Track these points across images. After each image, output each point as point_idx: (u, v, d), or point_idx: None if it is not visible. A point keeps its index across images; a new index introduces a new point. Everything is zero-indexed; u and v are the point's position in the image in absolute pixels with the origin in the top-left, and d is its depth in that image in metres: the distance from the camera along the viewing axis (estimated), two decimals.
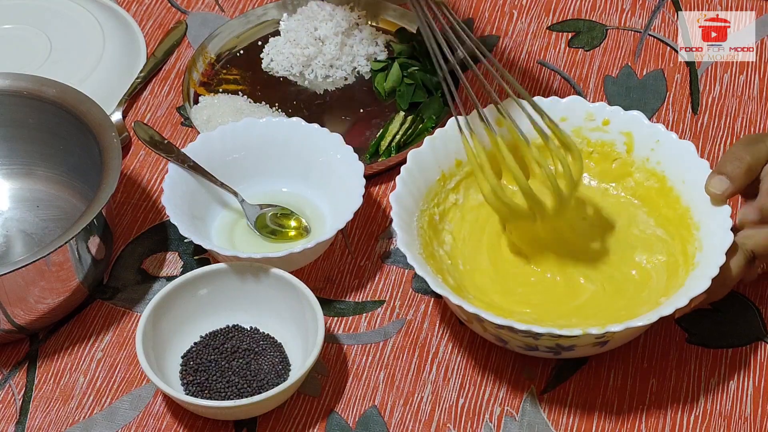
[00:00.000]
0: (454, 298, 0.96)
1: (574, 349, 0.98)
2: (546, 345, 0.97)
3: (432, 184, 1.06)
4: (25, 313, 1.02)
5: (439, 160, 1.06)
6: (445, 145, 1.07)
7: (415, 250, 0.99)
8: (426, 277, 0.96)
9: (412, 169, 1.04)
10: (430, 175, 1.06)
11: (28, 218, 1.14)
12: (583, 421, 1.00)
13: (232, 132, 1.14)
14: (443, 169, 1.07)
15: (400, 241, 0.98)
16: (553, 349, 0.98)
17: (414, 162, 1.05)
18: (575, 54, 1.29)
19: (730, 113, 1.22)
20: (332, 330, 1.06)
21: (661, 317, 0.94)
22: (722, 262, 0.96)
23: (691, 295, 0.94)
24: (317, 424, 1.00)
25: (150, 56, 1.29)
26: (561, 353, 0.99)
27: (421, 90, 1.22)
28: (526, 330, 0.93)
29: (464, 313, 0.99)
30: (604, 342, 0.98)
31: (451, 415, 1.01)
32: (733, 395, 1.01)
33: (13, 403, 1.03)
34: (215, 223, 1.12)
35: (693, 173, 1.03)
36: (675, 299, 0.95)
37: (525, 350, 1.00)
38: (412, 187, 1.04)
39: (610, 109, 1.08)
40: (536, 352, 1.00)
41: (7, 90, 1.12)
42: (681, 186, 1.04)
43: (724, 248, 0.97)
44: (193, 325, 1.04)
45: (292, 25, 1.28)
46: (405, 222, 1.01)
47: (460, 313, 1.01)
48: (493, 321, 0.94)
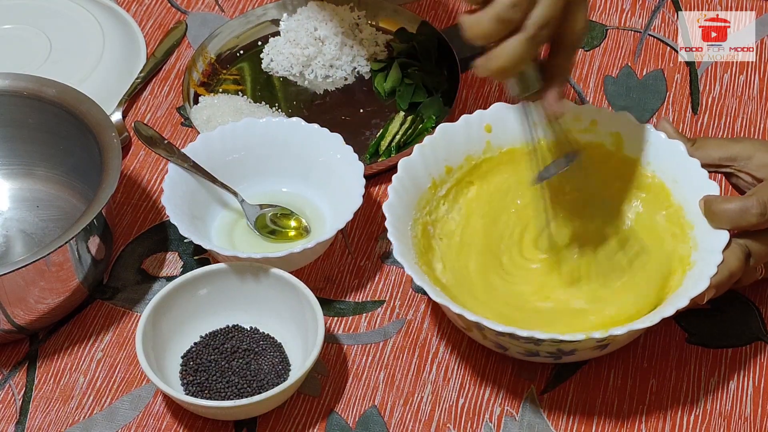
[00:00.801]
0: (454, 307, 0.95)
1: (575, 353, 0.98)
2: (547, 350, 0.97)
3: (423, 192, 1.05)
4: (25, 313, 1.02)
5: (429, 167, 1.06)
6: (435, 152, 1.06)
7: (411, 260, 0.99)
8: (424, 286, 0.96)
9: (402, 178, 1.04)
10: (421, 183, 1.05)
11: (28, 218, 1.14)
12: (583, 422, 1.00)
13: (232, 132, 1.14)
14: (434, 177, 1.06)
15: (396, 251, 0.98)
16: (554, 354, 0.98)
17: (404, 170, 1.04)
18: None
19: (730, 113, 1.22)
20: (332, 330, 1.06)
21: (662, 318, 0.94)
22: (720, 261, 0.96)
23: (692, 296, 0.94)
24: (317, 424, 1.00)
25: (150, 56, 1.29)
26: (562, 358, 0.99)
27: (421, 90, 1.22)
28: (529, 336, 0.93)
29: (463, 321, 0.98)
30: (605, 345, 0.98)
31: (451, 415, 1.01)
32: (733, 395, 1.01)
33: (13, 403, 1.03)
34: (215, 223, 1.12)
35: (684, 172, 1.03)
36: (675, 299, 0.95)
37: (525, 356, 1.00)
38: (404, 195, 1.03)
39: (596, 111, 1.07)
40: (537, 357, 0.99)
41: (7, 90, 1.12)
42: (673, 185, 1.04)
43: (720, 247, 0.97)
44: (193, 325, 1.04)
45: (292, 25, 1.28)
46: (400, 231, 1.00)
47: (458, 321, 1.01)
48: (494, 329, 0.93)
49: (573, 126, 1.07)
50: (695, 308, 1.06)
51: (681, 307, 0.94)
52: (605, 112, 1.07)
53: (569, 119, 1.07)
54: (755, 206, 0.96)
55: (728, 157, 1.01)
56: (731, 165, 1.01)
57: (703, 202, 1.00)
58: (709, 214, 0.99)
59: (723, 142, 1.03)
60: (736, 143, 1.01)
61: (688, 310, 1.06)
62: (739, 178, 1.01)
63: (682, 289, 0.96)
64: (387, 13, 1.30)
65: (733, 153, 1.01)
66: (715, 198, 0.99)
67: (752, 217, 0.97)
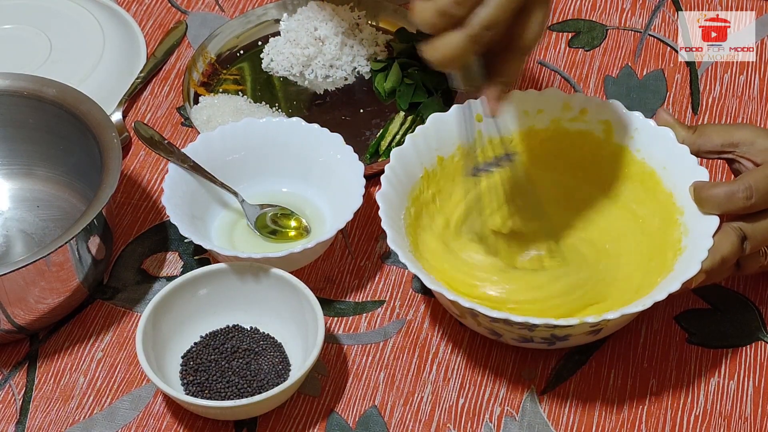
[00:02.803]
0: (449, 294, 0.96)
1: (569, 339, 0.99)
2: (541, 336, 0.98)
3: (416, 182, 1.06)
4: (25, 313, 1.02)
5: (422, 157, 1.07)
6: (427, 143, 1.07)
7: (405, 248, 0.99)
8: (418, 273, 0.96)
9: (395, 168, 1.05)
10: (413, 173, 1.06)
11: (28, 218, 1.14)
12: (583, 421, 1.00)
13: (232, 132, 1.14)
14: (426, 167, 1.07)
15: (389, 239, 0.98)
16: (548, 339, 0.98)
17: (397, 160, 1.05)
18: (575, 54, 1.29)
19: (730, 113, 1.22)
20: (332, 330, 1.06)
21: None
22: (710, 245, 0.96)
23: (683, 280, 0.95)
24: (317, 424, 1.00)
25: (150, 56, 1.29)
26: (555, 343, 0.99)
27: (421, 90, 1.22)
28: (523, 322, 0.94)
29: (458, 309, 0.99)
30: (598, 330, 0.98)
31: (451, 415, 1.01)
32: (733, 395, 1.01)
33: (13, 403, 1.03)
34: (215, 223, 1.12)
35: (673, 159, 1.04)
36: (666, 284, 0.96)
37: (519, 342, 1.00)
38: (397, 185, 1.04)
39: (586, 99, 1.08)
40: (531, 344, 1.00)
41: (7, 90, 1.12)
42: (662, 172, 1.05)
43: (710, 231, 0.97)
44: (193, 325, 1.04)
45: (292, 25, 1.28)
46: (393, 220, 1.01)
47: (452, 309, 1.02)
48: (488, 315, 0.94)
49: (563, 115, 1.08)
50: (696, 309, 1.06)
51: (672, 291, 0.94)
52: (595, 101, 1.08)
53: (558, 108, 1.08)
54: (741, 190, 0.97)
55: (730, 143, 1.02)
56: (733, 151, 1.02)
57: (692, 188, 1.01)
58: (698, 199, 1.00)
59: (725, 128, 1.03)
60: (737, 129, 1.02)
61: (688, 309, 1.06)
62: (740, 164, 1.02)
63: (674, 274, 0.97)
64: (387, 13, 1.30)
65: (735, 139, 1.01)
66: (704, 183, 1.00)
67: (739, 201, 0.97)
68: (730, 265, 0.98)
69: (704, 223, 0.98)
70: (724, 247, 0.97)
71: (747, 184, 0.97)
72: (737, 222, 0.98)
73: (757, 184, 0.97)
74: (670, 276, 0.97)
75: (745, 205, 0.97)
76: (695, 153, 1.02)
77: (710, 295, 1.07)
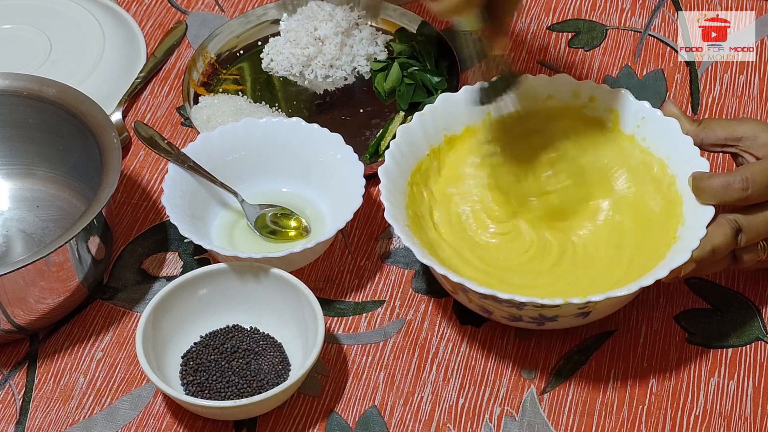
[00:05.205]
0: (439, 268, 0.97)
1: (557, 320, 0.99)
2: (529, 315, 0.99)
3: (422, 160, 1.07)
4: (25, 313, 1.02)
5: (429, 136, 1.07)
6: (435, 121, 1.08)
7: (402, 222, 1.00)
8: (412, 247, 0.98)
9: (401, 144, 1.06)
10: (419, 151, 1.07)
11: (28, 218, 1.14)
12: (583, 421, 1.00)
13: (232, 132, 1.14)
14: (432, 145, 1.08)
15: (387, 213, 1.00)
16: (537, 319, 0.99)
17: (403, 137, 1.06)
18: (575, 54, 1.29)
19: (730, 113, 1.22)
20: (332, 330, 1.06)
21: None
22: (702, 235, 0.97)
23: (671, 267, 0.96)
24: (317, 424, 1.00)
25: (150, 56, 1.29)
26: (544, 324, 1.00)
27: (421, 90, 1.22)
28: (509, 299, 0.95)
29: (449, 284, 1.00)
30: (586, 313, 0.99)
31: (451, 415, 1.01)
32: (733, 395, 1.01)
33: (13, 403, 1.03)
34: (215, 223, 1.12)
35: (678, 149, 1.04)
36: (656, 271, 0.97)
37: (509, 321, 1.01)
38: (402, 161, 1.05)
39: (596, 87, 1.09)
40: (520, 322, 1.01)
41: (7, 90, 1.12)
42: (666, 161, 1.05)
43: (705, 221, 0.98)
44: (193, 325, 1.04)
45: (292, 25, 1.28)
46: (393, 195, 1.02)
47: (445, 284, 1.02)
48: (477, 291, 0.95)
49: (572, 102, 1.09)
50: (696, 309, 1.06)
51: (660, 278, 0.95)
52: (604, 89, 1.09)
53: (568, 95, 1.09)
54: (737, 181, 0.98)
55: (734, 137, 1.02)
56: (737, 145, 1.02)
57: (691, 178, 1.01)
58: (695, 189, 1.01)
59: (729, 122, 1.04)
60: (741, 124, 1.03)
61: (688, 309, 1.06)
62: (743, 158, 1.02)
63: (664, 262, 0.98)
64: (387, 13, 1.30)
65: (738, 133, 1.02)
66: (702, 174, 1.01)
67: (735, 192, 0.98)
68: (721, 256, 0.99)
69: (700, 213, 0.99)
70: (716, 237, 0.98)
71: (744, 176, 0.98)
72: (733, 214, 0.99)
73: (754, 177, 0.98)
74: (661, 264, 0.98)
75: (740, 196, 0.98)
76: (699, 145, 1.03)
77: (710, 295, 1.07)
